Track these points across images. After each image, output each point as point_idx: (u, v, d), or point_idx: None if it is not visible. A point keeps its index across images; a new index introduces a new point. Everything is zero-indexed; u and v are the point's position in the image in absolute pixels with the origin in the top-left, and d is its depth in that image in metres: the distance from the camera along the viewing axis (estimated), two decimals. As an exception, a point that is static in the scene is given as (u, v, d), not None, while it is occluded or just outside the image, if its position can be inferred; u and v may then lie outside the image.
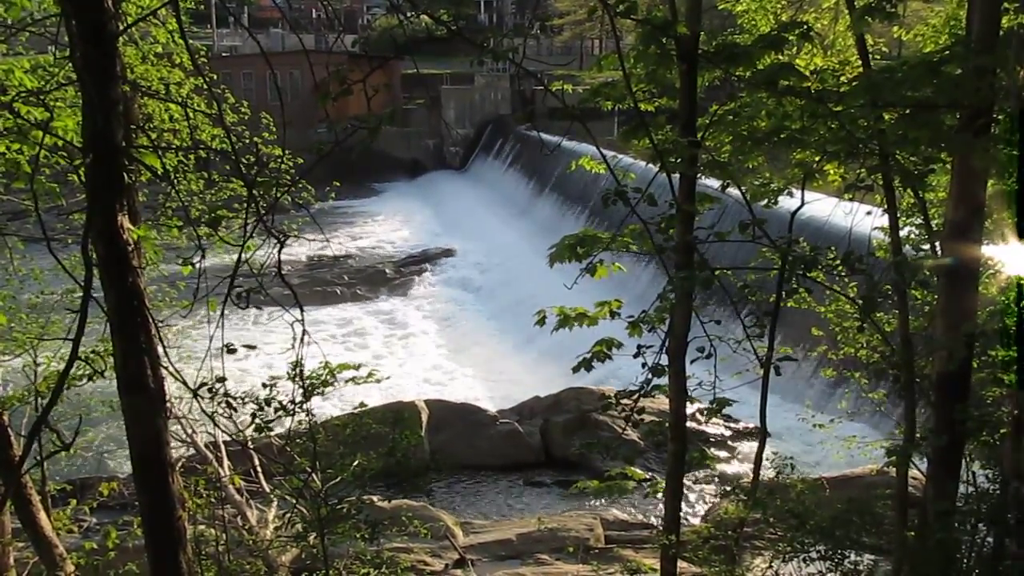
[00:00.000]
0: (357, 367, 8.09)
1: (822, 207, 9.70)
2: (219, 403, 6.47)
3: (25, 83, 6.97)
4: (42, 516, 9.07)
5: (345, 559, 9.06)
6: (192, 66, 9.27)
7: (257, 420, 7.11)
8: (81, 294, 4.39)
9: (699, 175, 6.64)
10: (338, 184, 13.20)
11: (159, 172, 5.18)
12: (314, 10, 66.30)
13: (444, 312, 33.17)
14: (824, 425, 11.74)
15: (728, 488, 9.41)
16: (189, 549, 5.11)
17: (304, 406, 7.20)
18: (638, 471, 7.81)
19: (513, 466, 18.44)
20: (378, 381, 8.19)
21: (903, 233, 8.88)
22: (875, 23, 6.38)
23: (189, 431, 11.58)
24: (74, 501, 11.47)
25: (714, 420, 7.19)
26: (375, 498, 8.59)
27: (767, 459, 8.96)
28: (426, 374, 26.50)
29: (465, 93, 60.15)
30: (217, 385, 6.38)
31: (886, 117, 6.38)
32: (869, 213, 8.99)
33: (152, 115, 10.15)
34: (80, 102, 4.46)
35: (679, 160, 6.14)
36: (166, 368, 4.80)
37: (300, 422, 7.35)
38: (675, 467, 7.13)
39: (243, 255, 4.85)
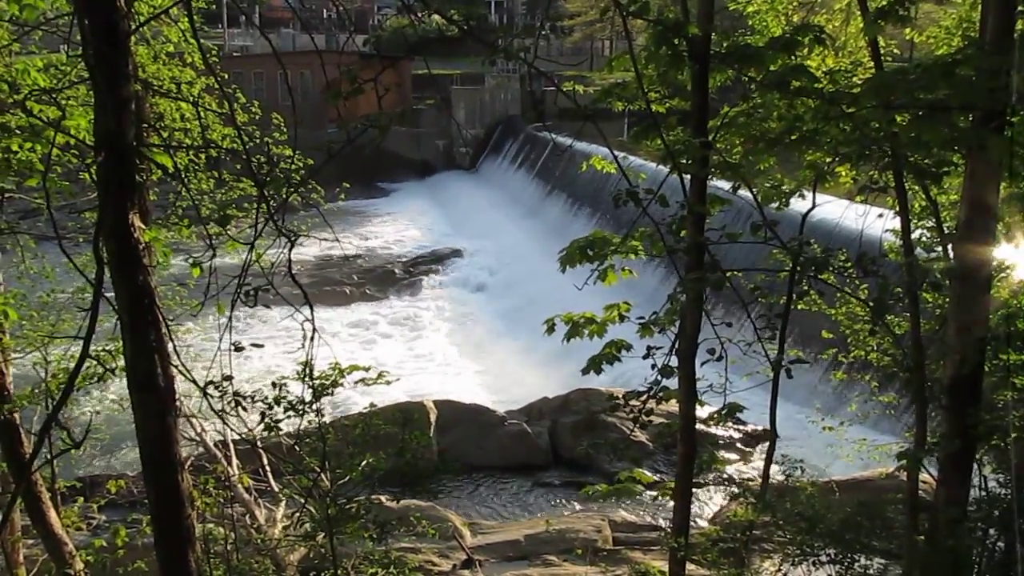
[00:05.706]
0: (367, 368, 8.08)
1: (834, 209, 9.66)
2: (228, 402, 6.48)
3: (38, 81, 6.99)
4: (52, 513, 9.11)
5: (353, 559, 9.06)
6: (203, 65, 9.29)
7: (267, 419, 7.12)
8: (91, 292, 4.39)
9: (710, 176, 6.61)
10: (348, 184, 13.24)
11: (170, 171, 5.20)
12: (325, 10, 66.45)
13: (453, 312, 33.16)
14: (834, 428, 11.69)
15: (737, 491, 9.37)
16: (198, 547, 5.12)
17: (313, 406, 7.21)
18: (647, 473, 7.77)
19: (521, 467, 18.44)
20: (388, 383, 8.17)
21: (915, 236, 8.83)
22: (887, 25, 6.34)
23: (198, 429, 11.61)
24: (82, 499, 11.53)
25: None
26: (383, 498, 8.58)
27: (776, 462, 8.92)
28: (435, 374, 26.48)
29: (475, 93, 60.16)
30: (226, 384, 6.39)
31: (898, 119, 6.34)
32: (881, 215, 8.94)
33: (163, 114, 10.19)
34: (92, 101, 4.46)
35: (691, 161, 6.11)
36: (176, 366, 4.80)
37: (310, 422, 7.35)
38: (684, 469, 7.09)
39: (253, 255, 4.85)
